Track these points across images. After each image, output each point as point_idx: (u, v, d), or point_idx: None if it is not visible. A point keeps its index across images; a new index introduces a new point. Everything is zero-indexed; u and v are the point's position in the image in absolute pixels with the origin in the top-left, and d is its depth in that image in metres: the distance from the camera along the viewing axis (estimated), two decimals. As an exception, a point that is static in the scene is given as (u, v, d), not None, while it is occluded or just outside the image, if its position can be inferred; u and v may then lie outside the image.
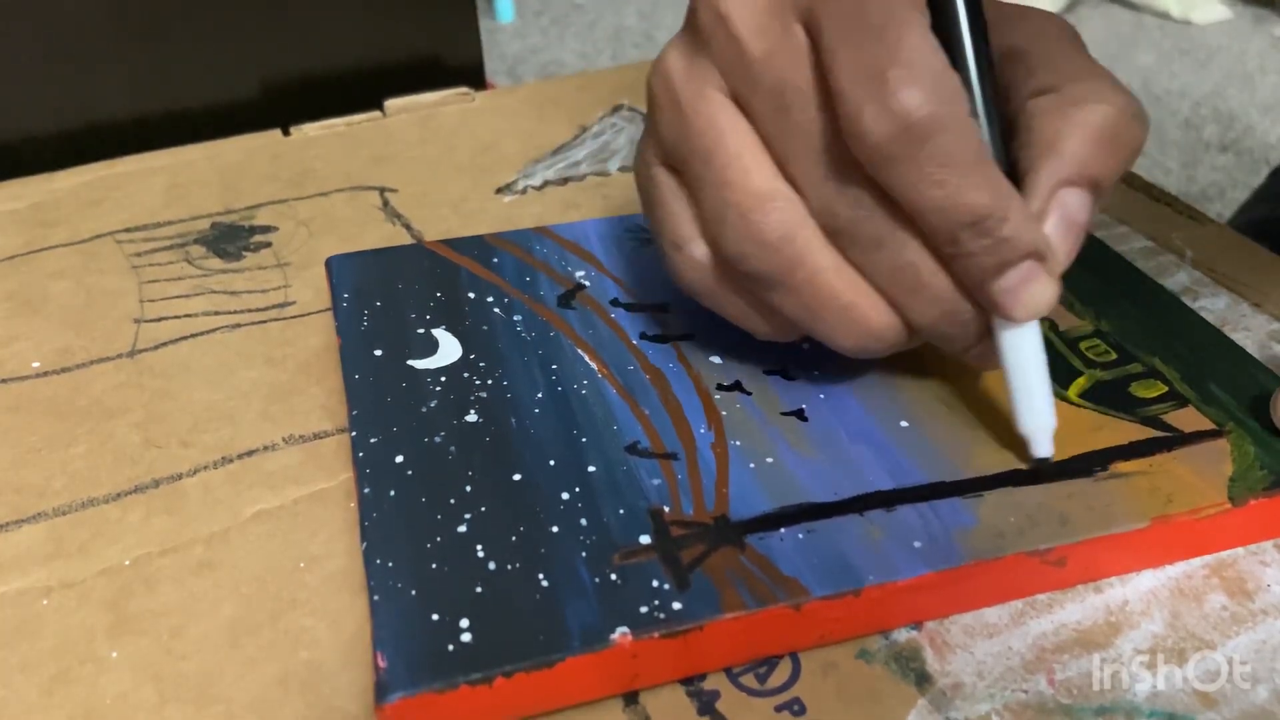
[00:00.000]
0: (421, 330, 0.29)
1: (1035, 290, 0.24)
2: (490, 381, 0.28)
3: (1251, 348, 0.31)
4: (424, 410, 0.27)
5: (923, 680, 0.22)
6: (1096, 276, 0.31)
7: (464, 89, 0.47)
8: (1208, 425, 0.26)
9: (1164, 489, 0.24)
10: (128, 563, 0.25)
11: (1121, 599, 0.24)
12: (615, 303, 0.31)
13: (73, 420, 0.29)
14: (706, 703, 0.22)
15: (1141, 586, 0.24)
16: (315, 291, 0.35)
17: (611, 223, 0.34)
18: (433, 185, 0.40)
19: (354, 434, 0.26)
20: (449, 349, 0.29)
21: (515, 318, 0.30)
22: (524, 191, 0.40)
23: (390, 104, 0.46)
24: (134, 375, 0.31)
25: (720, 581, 0.22)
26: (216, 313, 0.34)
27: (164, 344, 0.32)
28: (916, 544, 0.23)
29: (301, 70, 0.49)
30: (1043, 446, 0.25)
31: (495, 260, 0.32)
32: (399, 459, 0.25)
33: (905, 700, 0.22)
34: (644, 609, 0.22)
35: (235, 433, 0.29)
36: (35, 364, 0.32)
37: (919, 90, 0.22)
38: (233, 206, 0.39)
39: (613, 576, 0.22)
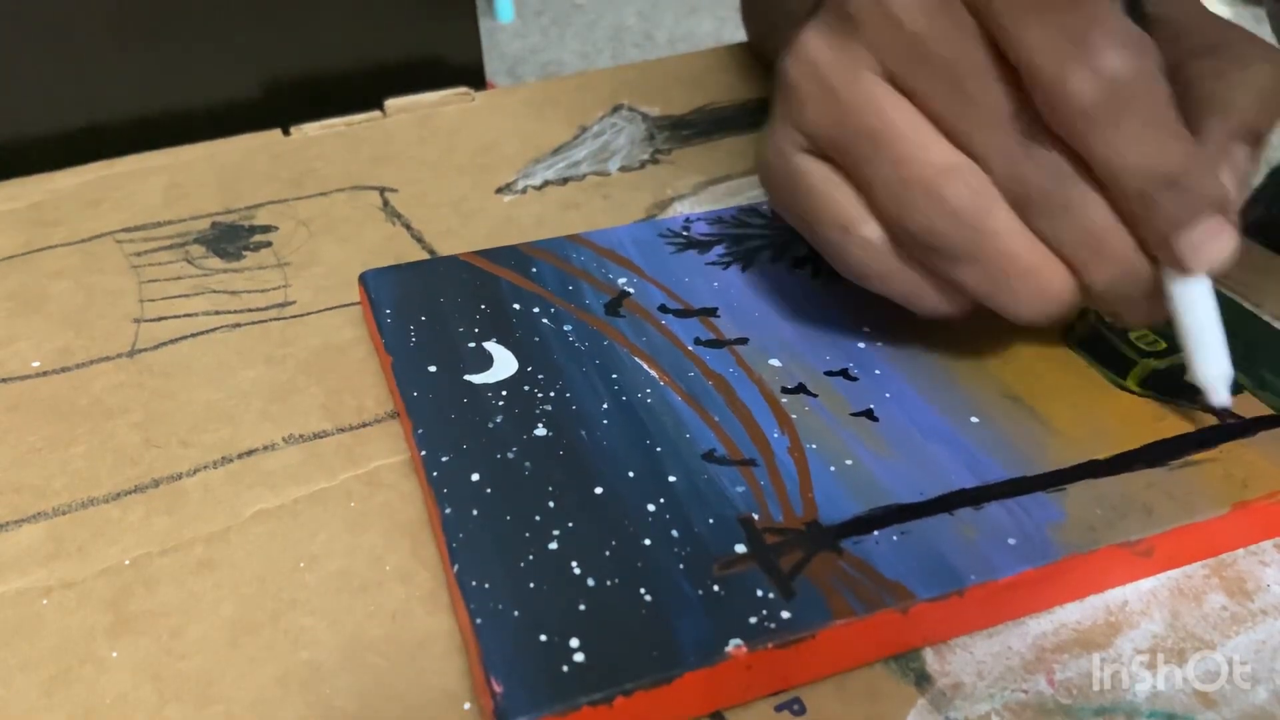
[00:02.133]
0: (472, 344, 0.29)
1: (1219, 241, 0.24)
2: (553, 394, 0.27)
3: (1251, 348, 0.31)
4: (490, 426, 0.26)
5: (923, 680, 0.22)
6: None
7: (464, 89, 0.47)
8: (1265, 410, 0.27)
9: (1237, 475, 0.25)
10: (128, 563, 0.25)
11: (1121, 599, 0.24)
12: (664, 309, 0.31)
13: (73, 420, 0.29)
14: (707, 703, 0.22)
15: (1142, 586, 0.24)
16: (315, 291, 0.35)
17: (645, 227, 0.34)
18: (433, 185, 0.40)
19: (424, 453, 0.26)
20: (505, 362, 0.28)
21: (565, 328, 0.30)
22: (524, 191, 0.40)
23: (390, 104, 0.46)
24: (134, 375, 0.31)
25: (825, 588, 0.22)
26: (216, 312, 0.34)
27: (164, 344, 0.32)
28: (1011, 541, 0.23)
29: (302, 70, 0.49)
30: (1221, 394, 0.26)
31: (534, 270, 0.32)
32: (475, 477, 0.25)
33: (905, 700, 0.22)
34: (753, 619, 0.21)
35: (235, 433, 0.29)
36: (35, 364, 0.32)
37: (1123, 51, 0.23)
38: (233, 206, 0.39)
39: (715, 588, 0.22)
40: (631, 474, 0.25)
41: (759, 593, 0.22)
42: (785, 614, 0.21)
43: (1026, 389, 0.28)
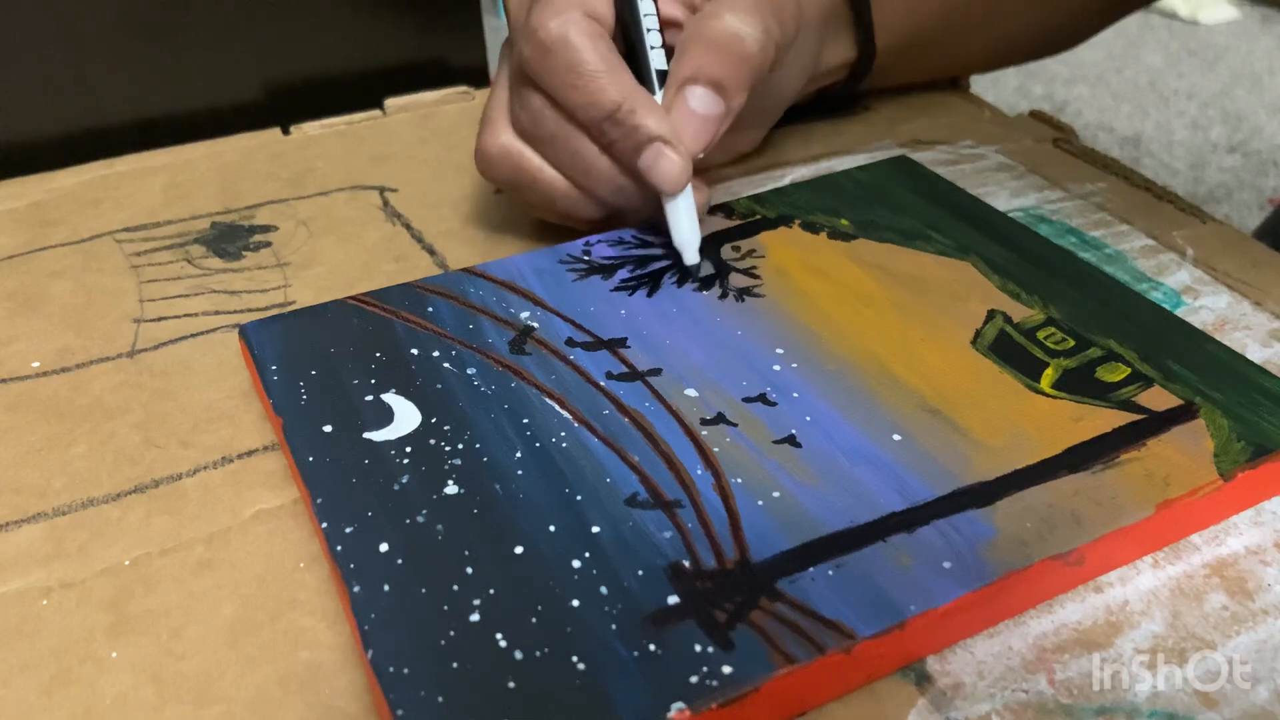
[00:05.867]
0: (370, 397, 0.27)
1: (666, 165, 0.31)
2: (461, 446, 0.26)
3: (1252, 347, 0.30)
4: (396, 488, 0.25)
5: (923, 680, 0.22)
6: (1038, 266, 0.32)
7: (464, 88, 0.47)
8: (1177, 402, 0.26)
9: (1159, 473, 0.25)
10: (128, 563, 0.25)
11: (1122, 599, 0.24)
12: (571, 342, 0.29)
13: (73, 420, 0.29)
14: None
15: (1142, 586, 0.24)
16: (315, 291, 0.35)
17: (544, 255, 0.33)
18: (433, 185, 0.40)
19: (325, 525, 0.24)
20: (406, 415, 0.27)
21: (469, 371, 0.28)
22: (524, 191, 0.40)
23: (390, 103, 0.46)
24: (134, 375, 0.31)
25: (765, 636, 0.21)
26: (216, 312, 0.34)
27: (164, 344, 0.32)
28: (946, 565, 0.22)
29: (303, 70, 0.49)
30: (690, 256, 0.32)
31: (430, 309, 0.30)
32: (383, 548, 0.23)
33: (905, 700, 0.22)
34: (694, 678, 0.20)
35: (235, 433, 0.29)
36: (35, 364, 0.32)
37: (554, 20, 0.30)
38: (232, 206, 0.39)
39: (651, 647, 0.21)
40: (552, 528, 0.24)
41: (697, 648, 0.21)
42: (726, 668, 0.20)
43: (944, 400, 0.27)
